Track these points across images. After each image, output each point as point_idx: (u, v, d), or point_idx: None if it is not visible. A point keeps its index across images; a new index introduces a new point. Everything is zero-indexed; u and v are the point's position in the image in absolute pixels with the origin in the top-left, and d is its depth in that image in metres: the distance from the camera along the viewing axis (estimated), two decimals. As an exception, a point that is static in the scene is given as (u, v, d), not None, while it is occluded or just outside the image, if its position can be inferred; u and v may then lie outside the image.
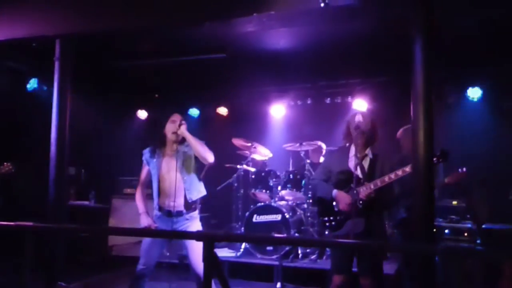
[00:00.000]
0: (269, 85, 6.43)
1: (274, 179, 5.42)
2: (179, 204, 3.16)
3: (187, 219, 3.19)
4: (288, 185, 5.33)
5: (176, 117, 3.26)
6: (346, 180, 3.04)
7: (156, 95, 6.99)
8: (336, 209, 3.06)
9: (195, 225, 3.21)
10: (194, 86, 6.49)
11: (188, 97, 6.87)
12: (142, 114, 7.46)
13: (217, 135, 6.55)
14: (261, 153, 5.76)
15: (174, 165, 3.18)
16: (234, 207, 5.74)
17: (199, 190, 3.26)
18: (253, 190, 5.49)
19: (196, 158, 3.20)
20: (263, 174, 5.49)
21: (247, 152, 5.77)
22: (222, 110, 7.14)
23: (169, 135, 3.24)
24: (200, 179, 3.27)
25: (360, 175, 2.97)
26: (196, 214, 3.25)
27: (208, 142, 3.24)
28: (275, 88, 6.58)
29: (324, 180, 3.19)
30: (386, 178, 2.89)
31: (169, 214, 3.17)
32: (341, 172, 3.08)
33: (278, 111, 6.88)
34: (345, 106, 6.31)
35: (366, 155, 3.10)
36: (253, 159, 5.84)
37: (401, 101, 5.40)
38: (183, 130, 3.19)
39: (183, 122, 3.22)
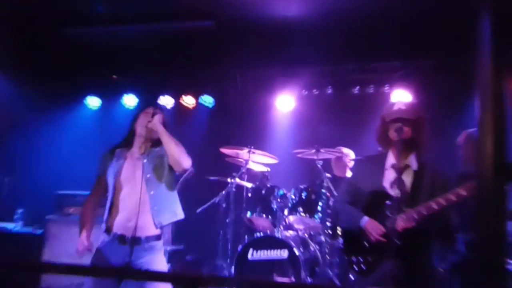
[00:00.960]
0: (274, 66, 6.40)
1: (279, 200, 5.39)
2: (139, 228, 3.17)
3: (145, 251, 3.18)
4: (299, 209, 5.32)
5: (151, 109, 3.41)
6: (379, 204, 3.10)
7: (114, 76, 7.11)
8: (367, 244, 3.13)
9: (158, 261, 3.21)
10: (168, 65, 6.52)
11: (159, 81, 6.90)
12: (94, 101, 7.40)
13: (199, 133, 6.58)
14: (261, 161, 5.77)
15: (139, 172, 3.25)
16: (220, 238, 5.69)
17: (173, 211, 3.32)
18: (248, 214, 5.46)
19: (170, 166, 3.31)
20: (263, 191, 5.45)
21: (241, 160, 5.75)
22: (207, 100, 7.08)
23: (139, 129, 3.38)
24: (175, 196, 3.35)
25: (399, 197, 3.02)
26: (160, 244, 3.26)
27: (185, 143, 3.33)
28: (282, 71, 6.54)
29: (351, 203, 3.25)
30: (434, 205, 2.93)
31: (121, 240, 3.18)
32: (373, 193, 3.15)
33: (286, 104, 6.83)
34: (380, 98, 6.24)
35: (408, 166, 3.16)
36: (249, 170, 5.80)
37: (456, 93, 5.61)
38: (156, 122, 3.30)
39: (158, 111, 3.37)
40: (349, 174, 5.45)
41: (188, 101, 7.24)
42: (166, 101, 7.27)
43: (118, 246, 3.18)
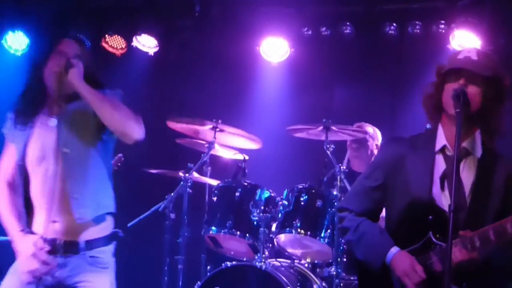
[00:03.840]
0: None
1: (262, 207, 4.93)
2: (65, 229, 3.12)
3: (90, 264, 3.13)
4: (295, 222, 4.82)
5: (66, 46, 3.25)
6: (419, 221, 2.83)
7: None
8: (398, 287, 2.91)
9: (106, 284, 3.19)
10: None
11: (62, 11, 6.08)
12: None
13: (130, 96, 5.75)
14: (234, 144, 5.42)
15: (51, 144, 3.17)
16: (166, 269, 5.23)
17: (100, 202, 3.24)
18: (213, 231, 4.96)
19: (102, 128, 3.22)
20: (237, 194, 4.94)
21: (201, 142, 5.29)
22: (146, 42, 6.46)
23: (50, 81, 3.25)
24: (104, 176, 3.29)
25: (454, 206, 2.59)
26: (110, 256, 3.22)
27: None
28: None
29: (371, 215, 2.99)
30: (509, 226, 2.62)
31: (53, 247, 3.10)
32: (414, 200, 2.85)
33: (276, 51, 6.29)
34: (430, 43, 5.76)
35: (468, 152, 2.91)
36: (214, 159, 5.48)
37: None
38: (73, 75, 3.15)
39: (74, 59, 3.17)
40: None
41: (115, 43, 6.56)
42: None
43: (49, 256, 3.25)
